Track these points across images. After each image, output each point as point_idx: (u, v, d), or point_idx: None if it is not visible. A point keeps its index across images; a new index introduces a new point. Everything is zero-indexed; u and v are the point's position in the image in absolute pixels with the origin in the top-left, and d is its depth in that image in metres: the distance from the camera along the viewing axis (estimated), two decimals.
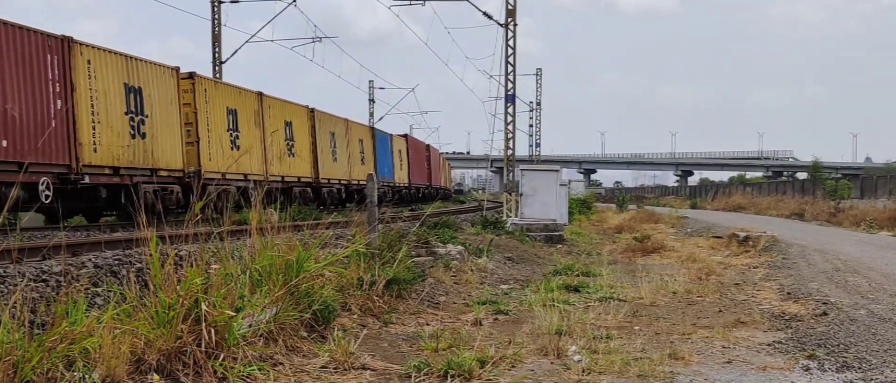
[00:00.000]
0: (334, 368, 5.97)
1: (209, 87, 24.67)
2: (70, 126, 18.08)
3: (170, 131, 22.13)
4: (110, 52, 19.91)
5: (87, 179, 18.69)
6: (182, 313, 5.32)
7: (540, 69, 74.75)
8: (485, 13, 31.19)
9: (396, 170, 46.59)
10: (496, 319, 8.69)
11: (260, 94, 27.84)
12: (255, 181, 24.87)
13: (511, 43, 30.44)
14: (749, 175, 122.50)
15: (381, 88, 75.90)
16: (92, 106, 18.87)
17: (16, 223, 10.73)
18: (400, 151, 48.41)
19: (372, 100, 66.35)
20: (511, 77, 30.67)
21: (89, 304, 6.21)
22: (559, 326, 7.54)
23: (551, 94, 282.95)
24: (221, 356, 5.40)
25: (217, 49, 34.57)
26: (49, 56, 17.58)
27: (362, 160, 39.23)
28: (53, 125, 17.49)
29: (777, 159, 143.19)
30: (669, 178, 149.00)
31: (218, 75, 33.53)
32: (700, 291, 10.86)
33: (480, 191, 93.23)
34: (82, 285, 5.61)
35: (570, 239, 22.19)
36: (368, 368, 6.07)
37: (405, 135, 52.91)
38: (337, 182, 35.04)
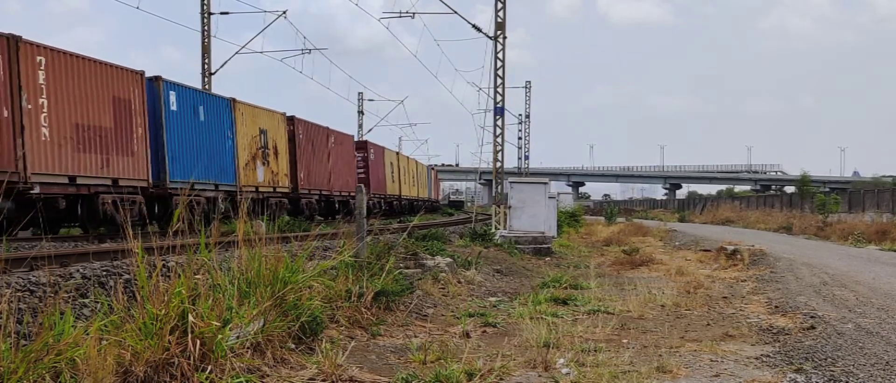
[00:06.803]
0: (322, 380, 5.95)
1: (401, 157, 56.04)
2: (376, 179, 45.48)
3: (397, 179, 51.66)
4: (383, 147, 48.54)
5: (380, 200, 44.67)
6: (169, 324, 5.30)
7: (529, 82, 75.24)
8: (474, 26, 31.10)
9: (431, 189, 72.48)
10: (484, 331, 8.68)
11: (397, 153, 55.51)
12: (407, 198, 55.37)
13: (500, 55, 30.46)
14: (737, 188, 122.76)
15: (370, 100, 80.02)
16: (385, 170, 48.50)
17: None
18: (432, 177, 74.01)
19: (361, 112, 66.45)
20: (500, 90, 30.69)
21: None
22: (547, 339, 7.54)
23: (541, 105, 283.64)
24: (209, 368, 5.37)
25: (207, 60, 34.54)
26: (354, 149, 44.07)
27: (426, 185, 66.87)
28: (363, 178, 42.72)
29: (765, 173, 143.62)
30: (658, 191, 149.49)
31: (207, 86, 33.54)
32: (688, 304, 10.89)
33: (469, 204, 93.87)
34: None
35: (558, 251, 22.21)
36: (356, 380, 6.05)
37: (432, 166, 79.84)
38: (417, 198, 61.74)
